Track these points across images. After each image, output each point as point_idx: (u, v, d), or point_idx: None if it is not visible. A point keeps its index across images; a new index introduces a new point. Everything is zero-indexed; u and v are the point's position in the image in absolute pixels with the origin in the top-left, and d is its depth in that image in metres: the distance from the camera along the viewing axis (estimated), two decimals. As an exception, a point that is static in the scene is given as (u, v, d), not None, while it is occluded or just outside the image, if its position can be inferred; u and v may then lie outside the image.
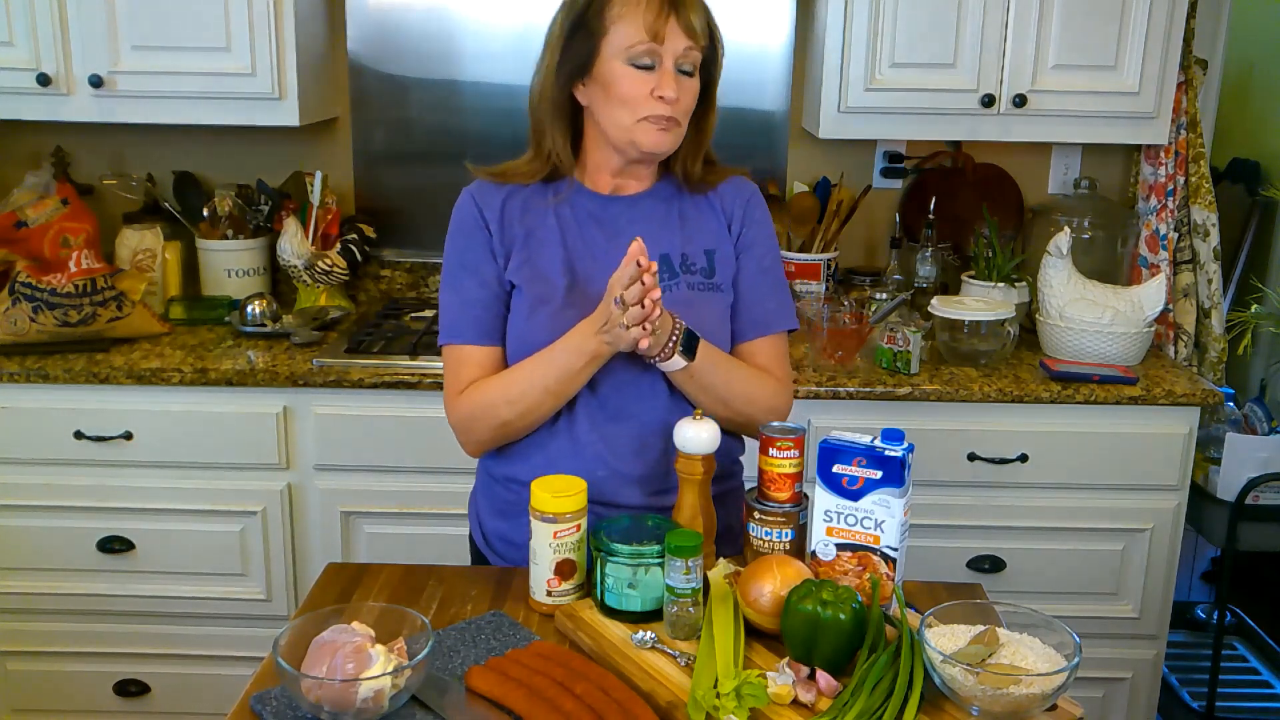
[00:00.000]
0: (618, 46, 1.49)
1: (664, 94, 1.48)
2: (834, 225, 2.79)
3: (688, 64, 1.51)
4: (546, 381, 1.51)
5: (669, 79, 1.49)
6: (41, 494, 2.40)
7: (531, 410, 1.54)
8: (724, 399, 1.56)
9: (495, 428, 1.57)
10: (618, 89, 1.50)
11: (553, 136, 1.57)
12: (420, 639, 1.22)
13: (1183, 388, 2.36)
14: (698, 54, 1.51)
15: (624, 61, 1.49)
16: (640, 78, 1.49)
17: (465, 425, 1.59)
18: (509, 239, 1.59)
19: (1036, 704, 1.16)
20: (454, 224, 1.62)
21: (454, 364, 1.60)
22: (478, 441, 1.61)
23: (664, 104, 1.49)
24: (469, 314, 1.59)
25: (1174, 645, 2.88)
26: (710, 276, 1.61)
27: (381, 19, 2.80)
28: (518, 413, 1.54)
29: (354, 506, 2.43)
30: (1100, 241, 2.74)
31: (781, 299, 1.66)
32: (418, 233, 2.93)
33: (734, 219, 1.64)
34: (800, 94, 2.83)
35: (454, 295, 1.61)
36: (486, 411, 1.55)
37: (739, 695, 1.18)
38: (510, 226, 1.59)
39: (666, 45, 1.48)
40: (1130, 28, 2.49)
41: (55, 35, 2.46)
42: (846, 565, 1.39)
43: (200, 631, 2.49)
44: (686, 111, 1.53)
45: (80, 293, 2.42)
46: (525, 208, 1.60)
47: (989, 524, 2.43)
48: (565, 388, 1.52)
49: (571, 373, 1.50)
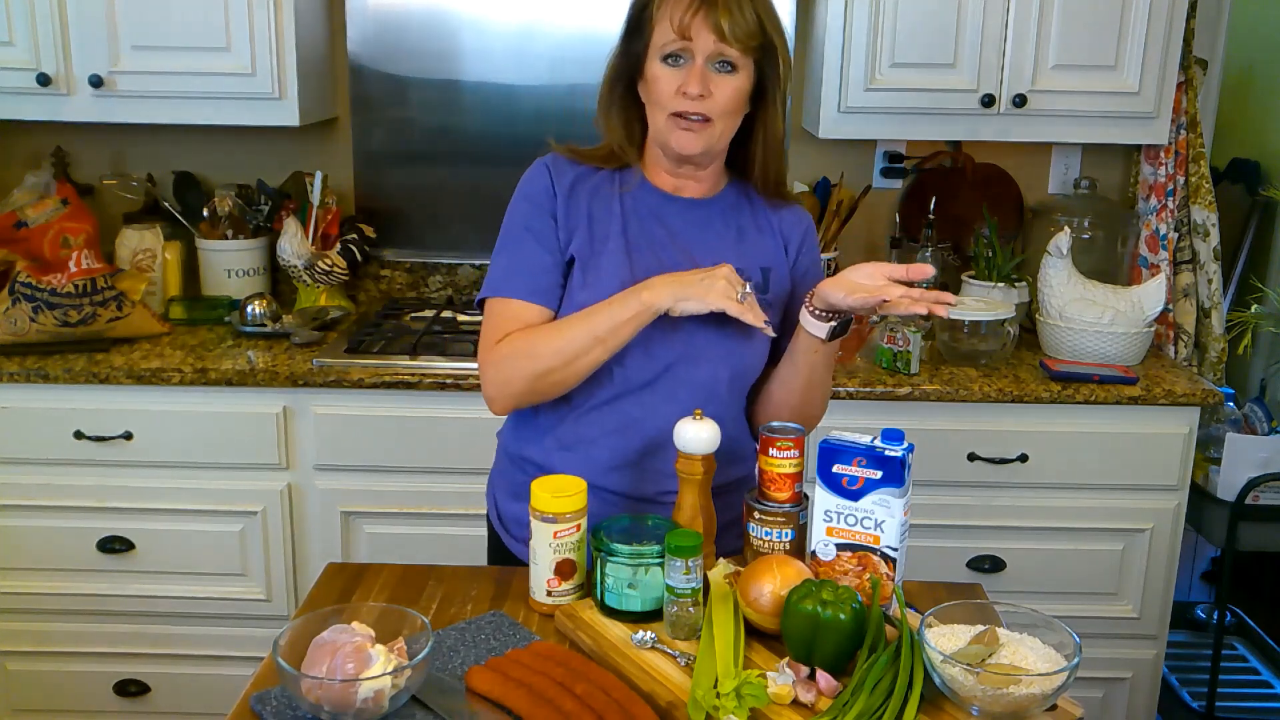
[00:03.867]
0: (656, 45, 1.51)
1: (688, 89, 1.48)
2: (834, 225, 2.79)
3: (725, 60, 1.50)
4: (595, 329, 1.49)
5: (695, 75, 1.48)
6: (41, 494, 2.40)
7: (576, 362, 1.51)
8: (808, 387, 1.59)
9: (534, 378, 1.53)
10: (655, 86, 1.52)
11: (614, 129, 1.59)
12: (420, 639, 1.22)
13: (1183, 388, 2.36)
14: (735, 51, 1.49)
15: (659, 59, 1.51)
16: (671, 74, 1.50)
17: (501, 374, 1.55)
18: (575, 216, 1.59)
19: (1036, 704, 1.16)
20: (522, 189, 1.62)
21: (497, 317, 1.57)
22: (511, 393, 1.56)
23: (688, 100, 1.49)
24: (523, 272, 1.57)
25: (1174, 645, 2.88)
26: (764, 292, 1.61)
27: (381, 19, 2.80)
28: (563, 361, 1.51)
29: (354, 506, 2.43)
30: (1100, 241, 2.74)
31: None
32: (418, 233, 2.93)
33: (791, 244, 1.65)
34: (800, 94, 2.83)
35: (510, 256, 1.59)
36: (525, 359, 1.52)
37: (739, 695, 1.18)
38: (578, 203, 1.59)
39: (696, 43, 1.48)
40: (1130, 28, 2.49)
41: (55, 35, 2.46)
42: (846, 565, 1.39)
43: (200, 631, 2.49)
44: (723, 110, 1.51)
45: (80, 293, 2.42)
46: (595, 191, 1.61)
47: (989, 524, 2.43)
48: (614, 338, 1.50)
49: (620, 321, 1.49)
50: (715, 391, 1.58)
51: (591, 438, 1.59)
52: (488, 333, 1.58)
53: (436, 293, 2.94)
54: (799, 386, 1.59)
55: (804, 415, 1.61)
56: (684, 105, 1.49)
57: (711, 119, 1.51)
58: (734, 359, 1.58)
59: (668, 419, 1.49)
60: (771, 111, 1.58)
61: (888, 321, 2.45)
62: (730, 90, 1.51)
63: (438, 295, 2.93)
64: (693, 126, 1.51)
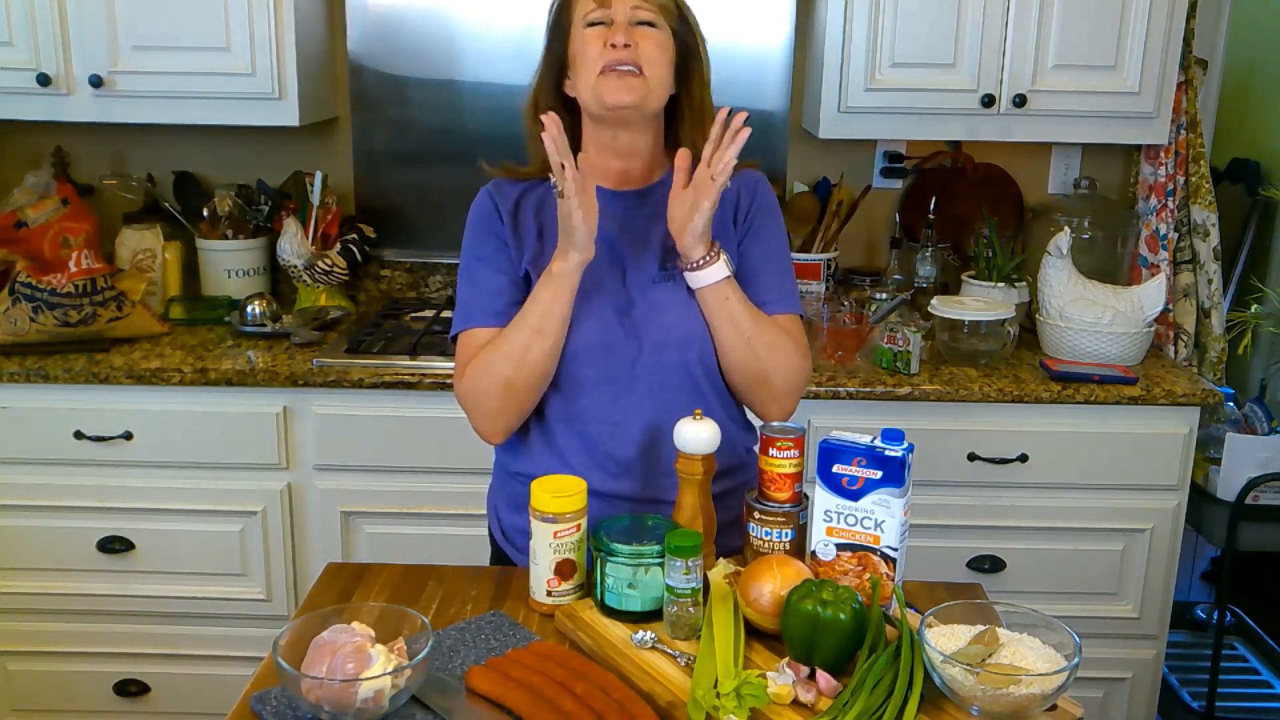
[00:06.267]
0: (578, 22, 1.55)
1: (614, 40, 1.50)
2: (834, 225, 2.79)
3: (645, 15, 1.53)
4: (528, 321, 1.52)
5: (619, 27, 1.51)
6: (41, 494, 2.40)
7: (525, 359, 1.52)
8: (749, 336, 1.56)
9: (499, 390, 1.54)
10: (581, 53, 1.54)
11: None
12: (420, 639, 1.22)
13: (1183, 388, 2.36)
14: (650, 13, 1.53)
15: (583, 28, 1.54)
16: (595, 33, 1.53)
17: (472, 397, 1.57)
18: (523, 234, 1.61)
19: (1036, 704, 1.16)
20: (470, 220, 1.65)
21: (464, 348, 1.60)
22: (488, 412, 1.57)
23: (616, 51, 1.50)
24: (481, 301, 1.60)
25: (1174, 645, 2.88)
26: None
27: (381, 19, 2.80)
28: (514, 365, 1.52)
29: (354, 506, 2.43)
30: (1100, 241, 2.74)
31: (786, 283, 1.66)
32: (418, 233, 2.93)
33: (741, 207, 1.65)
34: (800, 94, 2.83)
35: (469, 287, 1.62)
36: (487, 373, 1.54)
37: (739, 695, 1.18)
38: (525, 222, 1.62)
39: (615, 7, 1.52)
40: (1130, 28, 2.49)
41: (55, 35, 2.46)
42: (846, 565, 1.39)
43: (200, 631, 2.49)
44: (650, 61, 1.52)
45: (80, 293, 2.42)
46: (540, 204, 1.63)
47: (989, 524, 2.43)
48: (547, 322, 1.51)
49: (545, 303, 1.51)
50: (691, 376, 1.58)
51: (577, 447, 1.59)
52: (457, 367, 1.60)
53: (436, 293, 2.94)
54: (739, 344, 1.56)
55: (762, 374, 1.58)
56: (611, 56, 1.51)
57: (641, 70, 1.52)
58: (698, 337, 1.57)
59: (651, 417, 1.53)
60: (695, 83, 1.60)
61: (888, 322, 2.45)
62: (654, 41, 1.53)
63: (438, 295, 2.93)
64: (624, 76, 1.51)
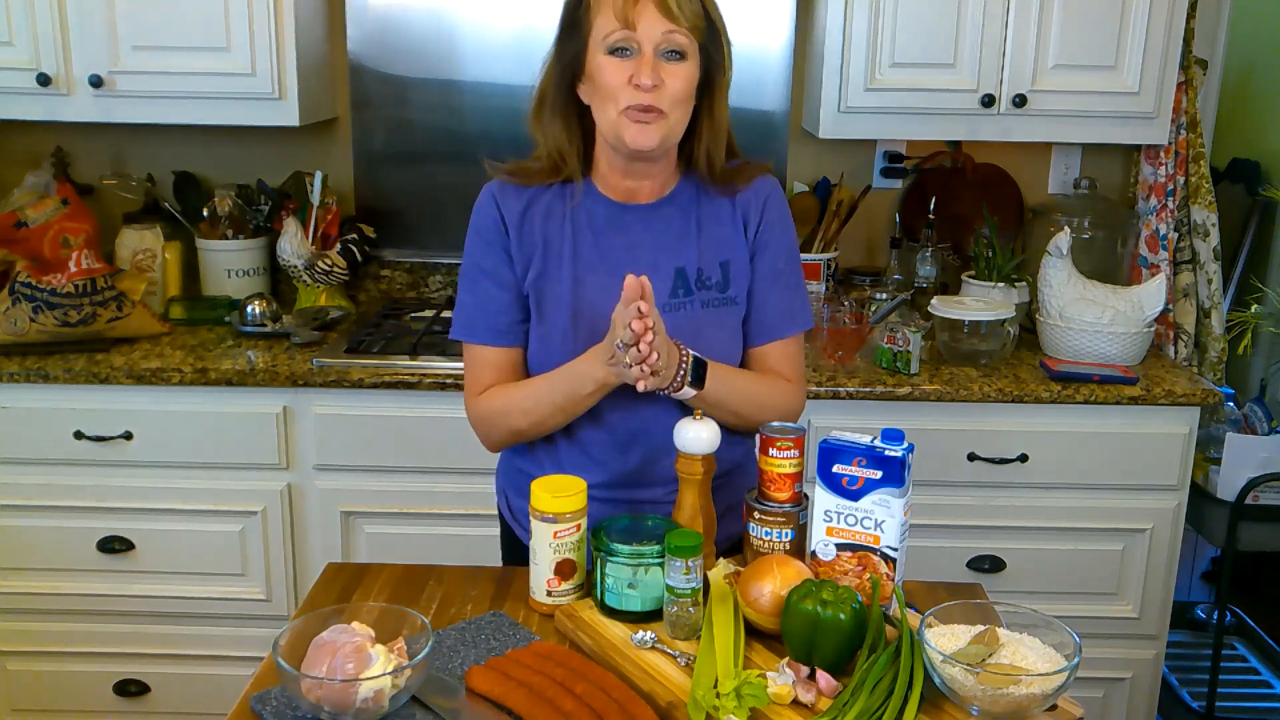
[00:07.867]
0: (598, 38, 1.46)
1: (640, 80, 1.42)
2: (834, 225, 2.79)
3: (674, 48, 1.44)
4: (555, 399, 1.53)
5: (646, 65, 1.43)
6: (41, 494, 2.40)
7: (543, 423, 1.57)
8: (736, 412, 1.56)
9: (509, 433, 1.60)
10: (602, 81, 1.46)
11: (554, 137, 1.54)
12: (420, 639, 1.22)
13: (1183, 388, 2.36)
14: (683, 38, 1.44)
15: (604, 52, 1.45)
16: (619, 66, 1.44)
17: (483, 427, 1.62)
18: (528, 248, 1.57)
19: (1036, 704, 1.16)
20: (474, 224, 1.60)
21: (471, 363, 1.62)
22: (495, 442, 1.64)
23: (641, 93, 1.43)
24: (484, 316, 1.59)
25: (1174, 645, 2.88)
26: (724, 290, 1.59)
27: (381, 19, 2.80)
28: (530, 423, 1.57)
29: (354, 506, 2.43)
30: (1100, 241, 2.74)
31: (795, 300, 1.63)
32: (418, 233, 2.93)
33: (750, 222, 1.60)
34: (800, 94, 2.83)
35: (471, 295, 1.61)
36: (501, 418, 1.59)
37: (739, 695, 1.18)
38: (530, 234, 1.57)
39: (642, 31, 1.43)
40: (1130, 28, 2.49)
41: (55, 35, 2.46)
42: (846, 565, 1.39)
43: (200, 631, 2.49)
44: (675, 99, 1.45)
45: (80, 293, 2.42)
46: (547, 213, 1.58)
47: (989, 524, 2.43)
48: (574, 407, 1.54)
49: (580, 396, 1.52)
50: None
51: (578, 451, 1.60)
52: (467, 380, 1.62)
53: (436, 293, 2.93)
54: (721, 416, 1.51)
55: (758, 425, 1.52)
56: (637, 98, 1.43)
57: (665, 111, 1.45)
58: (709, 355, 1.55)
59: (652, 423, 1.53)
60: (718, 100, 1.54)
61: (888, 322, 2.45)
62: (682, 79, 1.46)
63: (438, 295, 2.93)
64: (647, 119, 1.45)
